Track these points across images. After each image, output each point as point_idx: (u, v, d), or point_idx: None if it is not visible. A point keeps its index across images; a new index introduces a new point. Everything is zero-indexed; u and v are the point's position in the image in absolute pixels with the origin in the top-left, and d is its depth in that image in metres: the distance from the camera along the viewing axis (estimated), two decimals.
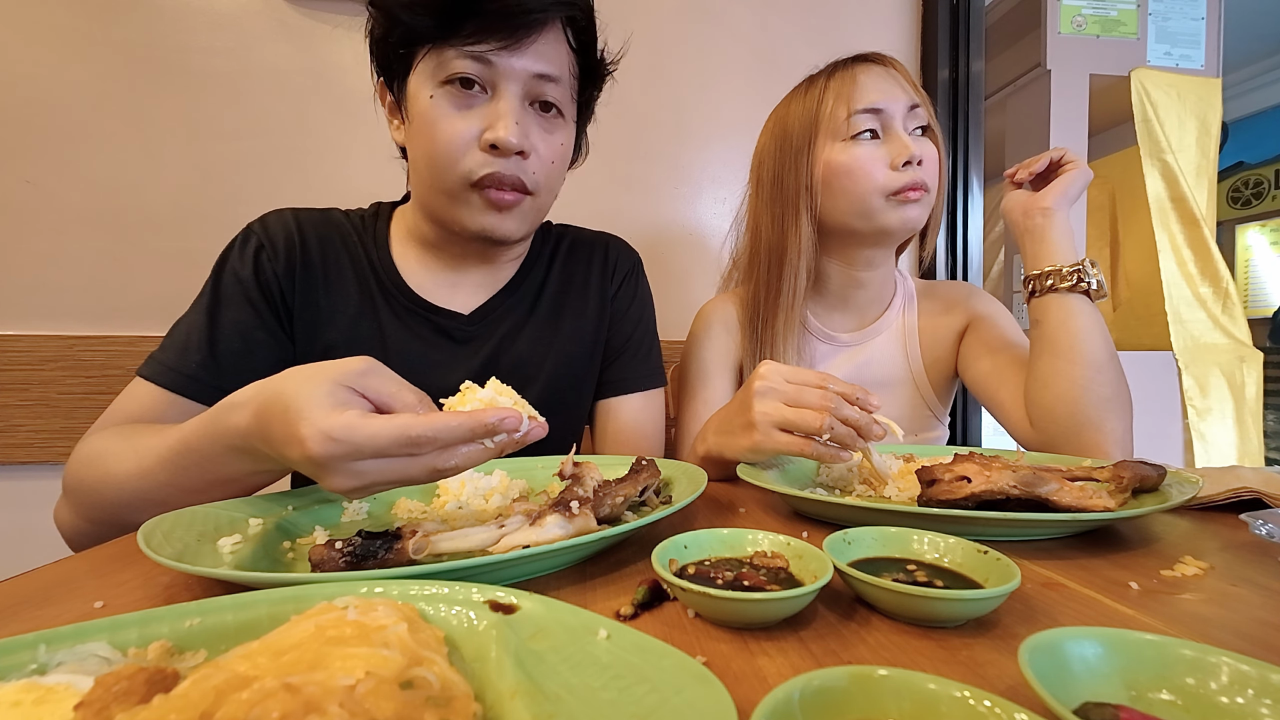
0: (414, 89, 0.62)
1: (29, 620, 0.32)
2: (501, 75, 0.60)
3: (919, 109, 0.75)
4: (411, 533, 0.36)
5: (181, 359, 0.61)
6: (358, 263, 0.71)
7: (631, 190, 1.29)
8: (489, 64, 0.59)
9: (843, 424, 0.51)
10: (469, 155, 0.61)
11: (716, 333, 0.87)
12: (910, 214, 0.74)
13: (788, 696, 0.19)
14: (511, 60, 0.60)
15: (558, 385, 0.76)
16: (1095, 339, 0.67)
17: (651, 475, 0.49)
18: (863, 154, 0.73)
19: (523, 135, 0.61)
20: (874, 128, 0.74)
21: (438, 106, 0.61)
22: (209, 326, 0.63)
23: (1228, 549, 0.41)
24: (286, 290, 0.67)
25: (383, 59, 0.65)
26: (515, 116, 0.61)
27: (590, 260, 0.82)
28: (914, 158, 0.72)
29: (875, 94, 0.74)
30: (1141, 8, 1.89)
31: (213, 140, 1.11)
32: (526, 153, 0.62)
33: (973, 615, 0.30)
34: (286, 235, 0.68)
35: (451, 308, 0.72)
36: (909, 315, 0.87)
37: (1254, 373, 1.90)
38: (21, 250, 1.06)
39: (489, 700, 0.22)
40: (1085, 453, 0.66)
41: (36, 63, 1.05)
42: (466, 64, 0.59)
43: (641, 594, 0.33)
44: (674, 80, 1.28)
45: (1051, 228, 0.70)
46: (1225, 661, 0.22)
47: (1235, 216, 3.42)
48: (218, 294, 0.65)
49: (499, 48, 0.59)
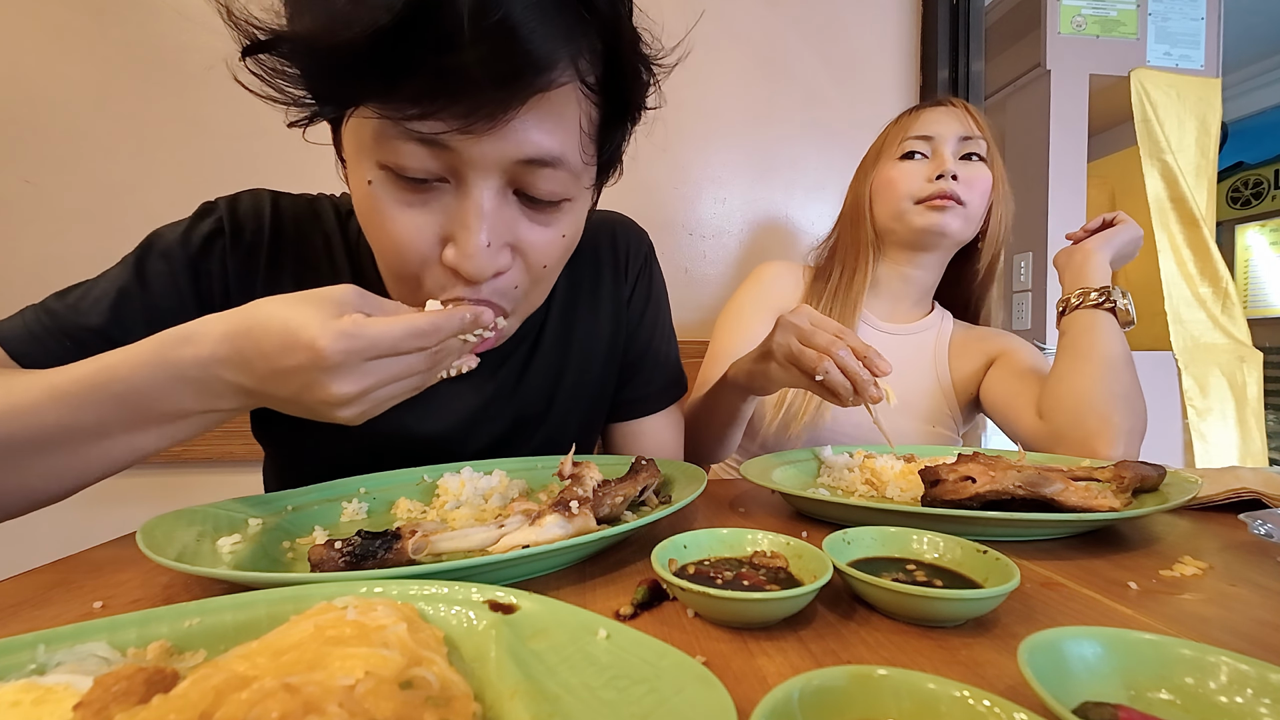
0: (349, 155, 0.44)
1: (28, 620, 0.32)
2: (466, 164, 0.41)
3: (973, 140, 0.85)
4: (411, 533, 0.36)
5: (61, 328, 0.48)
6: (338, 266, 0.58)
7: (631, 190, 1.29)
8: (446, 149, 0.40)
9: (840, 372, 0.54)
10: (427, 271, 0.45)
11: (766, 284, 0.95)
12: (935, 219, 0.82)
13: (787, 696, 0.19)
14: (481, 145, 0.39)
15: (571, 400, 0.68)
16: (1115, 347, 0.72)
17: (651, 475, 0.49)
18: (906, 168, 0.85)
19: (494, 256, 0.43)
20: (923, 150, 0.85)
21: (379, 198, 0.43)
22: (114, 305, 0.50)
23: (1227, 549, 0.42)
24: (235, 287, 0.54)
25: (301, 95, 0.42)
26: (488, 227, 0.42)
27: (598, 254, 0.69)
28: (947, 172, 0.82)
29: (930, 125, 0.85)
30: (1141, 8, 1.89)
31: (213, 140, 1.11)
32: (503, 270, 0.45)
33: (972, 615, 0.30)
34: (257, 221, 0.55)
35: None
36: (944, 327, 0.94)
37: (1254, 373, 1.90)
38: (21, 250, 1.06)
39: (488, 700, 0.22)
40: (1086, 441, 0.68)
41: (36, 63, 1.05)
42: (412, 151, 0.40)
43: (641, 594, 0.33)
44: (673, 80, 1.28)
45: (1089, 264, 0.77)
46: (1224, 661, 0.22)
47: (1235, 216, 3.42)
48: (140, 270, 0.52)
49: (458, 130, 0.38)
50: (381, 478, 0.56)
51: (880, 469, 0.57)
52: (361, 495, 0.52)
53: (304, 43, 0.37)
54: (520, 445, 0.67)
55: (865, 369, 0.55)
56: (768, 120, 1.31)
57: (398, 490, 0.54)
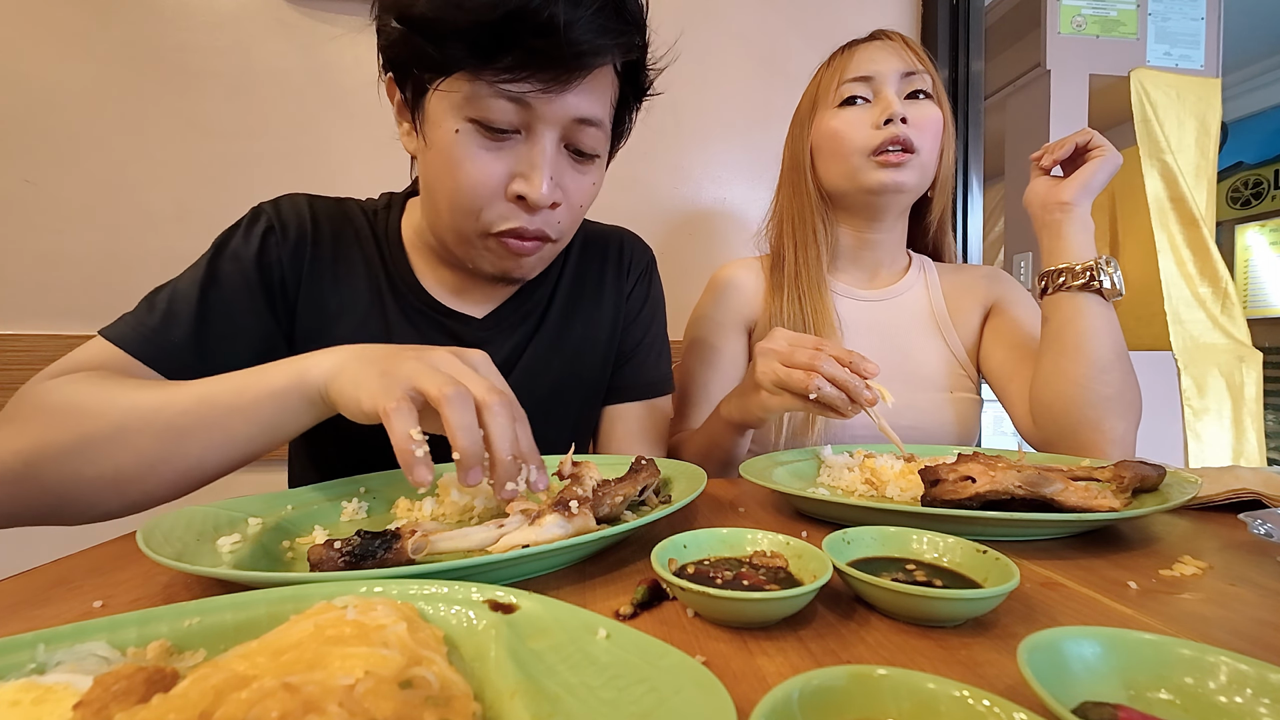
0: (434, 113, 0.55)
1: (28, 619, 0.32)
2: (539, 118, 0.53)
3: (916, 75, 0.76)
4: (410, 532, 0.36)
5: (165, 327, 0.55)
6: (369, 259, 0.67)
7: (631, 190, 1.29)
8: (527, 107, 0.52)
9: (831, 384, 0.54)
10: (494, 205, 0.56)
11: (725, 293, 0.88)
12: (890, 176, 0.75)
13: (787, 696, 0.19)
14: (553, 104, 0.53)
15: (566, 391, 0.74)
16: (1102, 338, 0.66)
17: (651, 475, 0.49)
18: (848, 116, 0.76)
19: (555, 189, 0.56)
20: (864, 94, 0.76)
21: (463, 145, 0.54)
22: (200, 301, 0.57)
23: (1227, 549, 0.42)
24: (290, 278, 0.63)
25: (396, 66, 0.56)
26: (549, 170, 0.55)
27: (605, 256, 0.78)
28: (894, 115, 0.73)
29: (866, 64, 0.76)
30: (1141, 8, 1.89)
31: (213, 140, 1.11)
32: (558, 203, 0.58)
33: (972, 615, 0.30)
34: (299, 220, 0.64)
35: (464, 311, 0.69)
36: (931, 284, 0.88)
37: (1253, 373, 1.90)
38: (21, 250, 1.06)
39: (488, 700, 0.22)
40: (1083, 451, 0.67)
41: (36, 62, 1.05)
42: (501, 105, 0.52)
43: (641, 593, 0.33)
44: (673, 80, 1.28)
45: (1068, 223, 0.68)
46: (1224, 661, 0.22)
47: (1235, 216, 3.42)
48: (214, 271, 0.59)
49: (540, 90, 0.51)
50: (382, 477, 0.56)
51: (880, 469, 0.57)
52: (362, 495, 0.52)
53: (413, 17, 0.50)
54: None
55: (854, 374, 0.54)
56: (767, 120, 1.31)
57: (398, 490, 0.54)
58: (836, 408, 0.55)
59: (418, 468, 0.38)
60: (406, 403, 0.39)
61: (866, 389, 0.54)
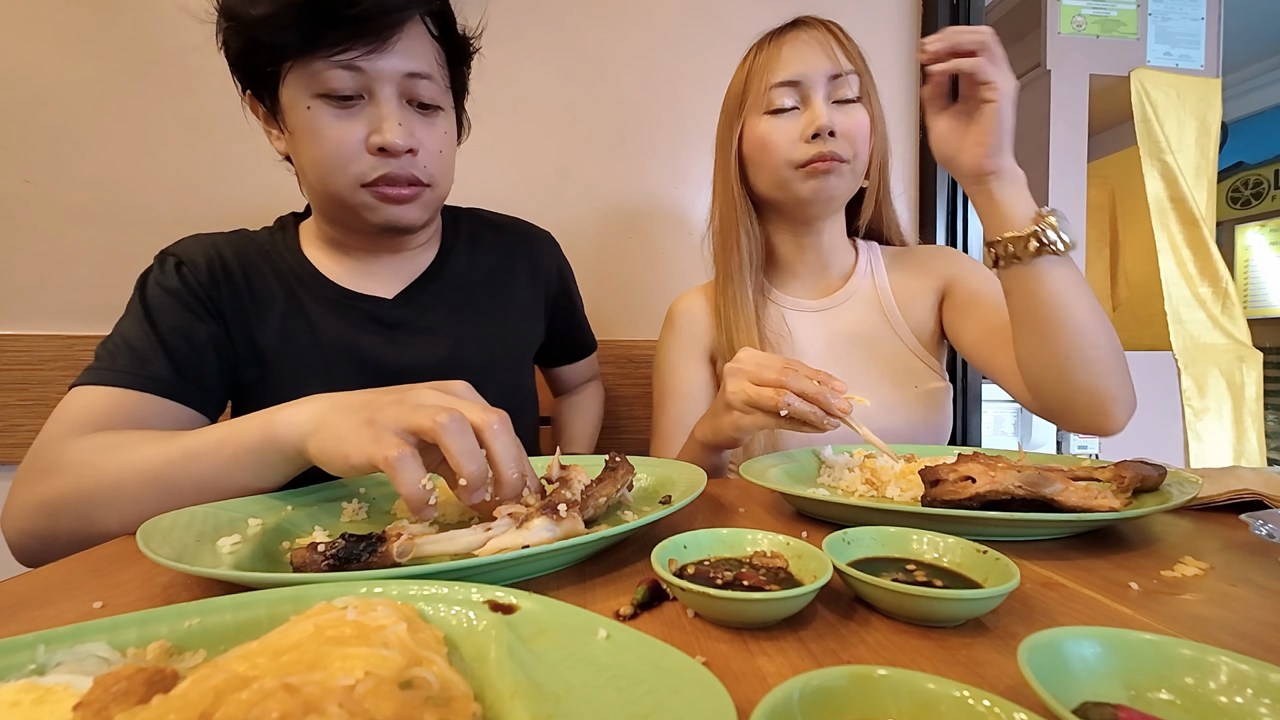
0: (288, 101, 0.62)
1: (28, 620, 0.32)
2: (374, 79, 0.61)
3: (844, 77, 0.73)
4: (396, 535, 0.36)
5: (139, 365, 0.59)
6: (277, 267, 0.71)
7: (630, 190, 1.29)
8: (360, 71, 0.60)
9: (801, 399, 0.55)
10: (358, 160, 0.62)
11: (680, 324, 0.88)
12: (818, 185, 0.73)
13: (787, 696, 0.19)
14: (381, 63, 0.60)
15: (497, 361, 0.79)
16: (1071, 302, 0.61)
17: (627, 471, 0.49)
18: (777, 126, 0.74)
19: (408, 134, 0.62)
20: (793, 102, 0.74)
21: (317, 117, 0.61)
22: (154, 334, 0.61)
23: (1228, 549, 0.41)
24: (214, 297, 0.67)
25: (246, 73, 0.64)
26: (397, 117, 0.62)
27: (514, 258, 0.84)
28: (822, 129, 0.71)
29: (794, 65, 0.73)
30: (1141, 8, 1.89)
31: (213, 140, 1.11)
32: (415, 150, 0.64)
33: (972, 615, 0.30)
34: (203, 251, 0.68)
35: (374, 294, 0.73)
36: (879, 278, 0.86)
37: (1254, 373, 1.90)
38: (21, 250, 1.06)
39: (488, 700, 0.22)
40: (1083, 419, 0.65)
41: (36, 62, 1.05)
42: (338, 74, 0.59)
43: (641, 594, 0.33)
44: (672, 79, 1.28)
45: (999, 188, 0.62)
46: (1224, 661, 0.22)
47: (1235, 216, 3.41)
48: (147, 308, 0.63)
49: (366, 52, 0.59)
50: (382, 478, 0.56)
51: (880, 469, 0.57)
52: (362, 495, 0.52)
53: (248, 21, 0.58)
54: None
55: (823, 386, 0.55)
56: None
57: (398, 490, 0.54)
58: (810, 421, 0.55)
59: (427, 511, 0.39)
60: (408, 449, 0.39)
61: (837, 397, 0.54)
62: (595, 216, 1.26)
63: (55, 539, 0.49)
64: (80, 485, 0.49)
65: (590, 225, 1.26)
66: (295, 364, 0.69)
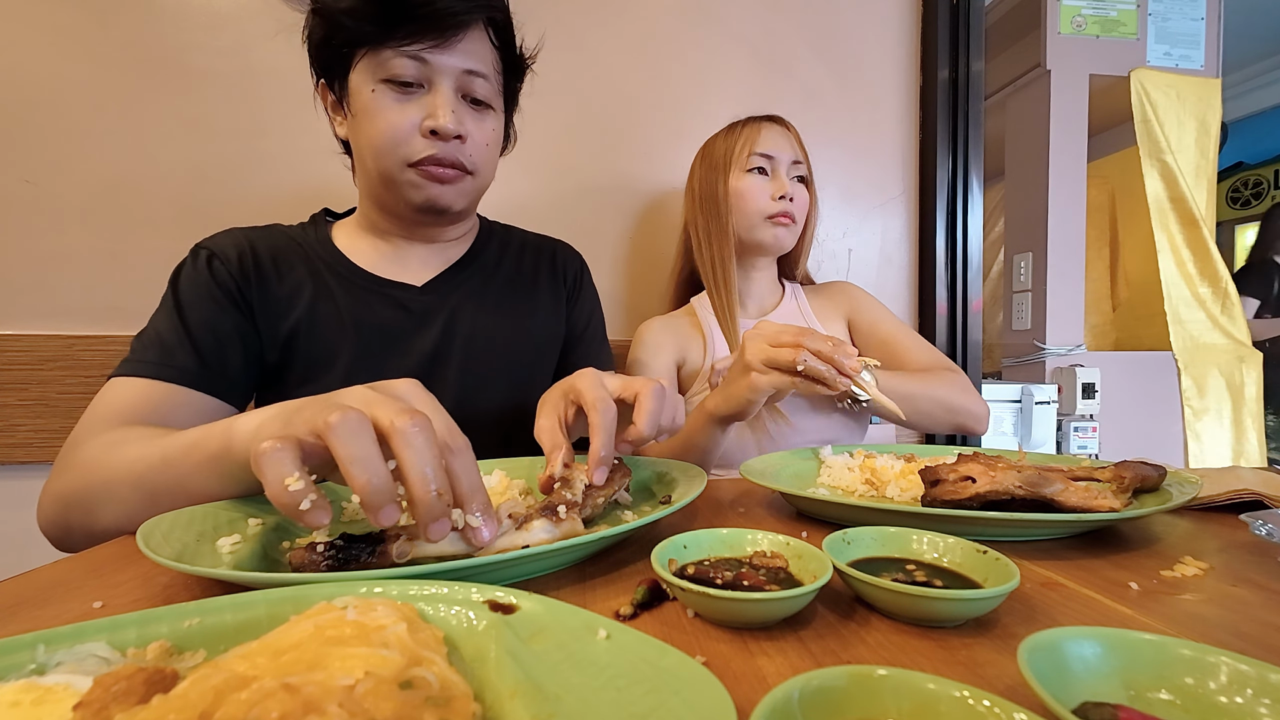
0: (355, 85, 0.68)
1: (28, 620, 0.32)
2: (435, 71, 0.66)
3: (800, 164, 0.98)
4: (395, 536, 0.35)
5: (167, 356, 0.63)
6: (306, 256, 0.75)
7: (631, 190, 1.29)
8: (424, 62, 0.65)
9: (815, 357, 0.60)
10: (411, 141, 0.67)
11: (657, 327, 1.02)
12: (777, 234, 0.96)
13: (787, 696, 0.19)
14: (443, 58, 0.66)
15: (516, 361, 0.81)
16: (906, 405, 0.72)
17: (624, 474, 0.50)
18: (754, 182, 0.96)
19: (458, 122, 0.67)
20: (765, 167, 0.97)
21: (380, 99, 0.66)
22: (182, 327, 0.65)
23: (1228, 549, 0.41)
24: (243, 287, 0.70)
25: (323, 61, 0.70)
26: (451, 106, 0.67)
27: (538, 263, 0.88)
28: (786, 194, 0.95)
29: (770, 144, 0.96)
30: (1141, 8, 1.89)
31: (213, 140, 1.11)
32: (464, 137, 0.69)
33: (972, 615, 0.30)
34: (235, 243, 0.72)
35: (403, 280, 0.76)
36: (802, 304, 1.05)
37: (1253, 373, 1.91)
38: (21, 250, 1.06)
39: (488, 700, 0.22)
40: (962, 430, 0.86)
41: (36, 61, 1.05)
42: (404, 63, 0.65)
43: (641, 594, 0.33)
44: (673, 80, 1.28)
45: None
46: (1224, 661, 0.22)
47: (1235, 217, 3.42)
48: (178, 301, 0.67)
49: (431, 46, 0.65)
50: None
51: (880, 469, 0.57)
52: None
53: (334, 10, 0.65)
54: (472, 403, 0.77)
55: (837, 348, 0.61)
56: None
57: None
58: (824, 379, 0.60)
59: (306, 517, 0.32)
60: (279, 444, 0.33)
61: (849, 358, 0.60)
62: (596, 216, 1.26)
63: (70, 530, 0.52)
64: (84, 482, 0.51)
65: (590, 225, 1.26)
66: (321, 348, 0.71)
